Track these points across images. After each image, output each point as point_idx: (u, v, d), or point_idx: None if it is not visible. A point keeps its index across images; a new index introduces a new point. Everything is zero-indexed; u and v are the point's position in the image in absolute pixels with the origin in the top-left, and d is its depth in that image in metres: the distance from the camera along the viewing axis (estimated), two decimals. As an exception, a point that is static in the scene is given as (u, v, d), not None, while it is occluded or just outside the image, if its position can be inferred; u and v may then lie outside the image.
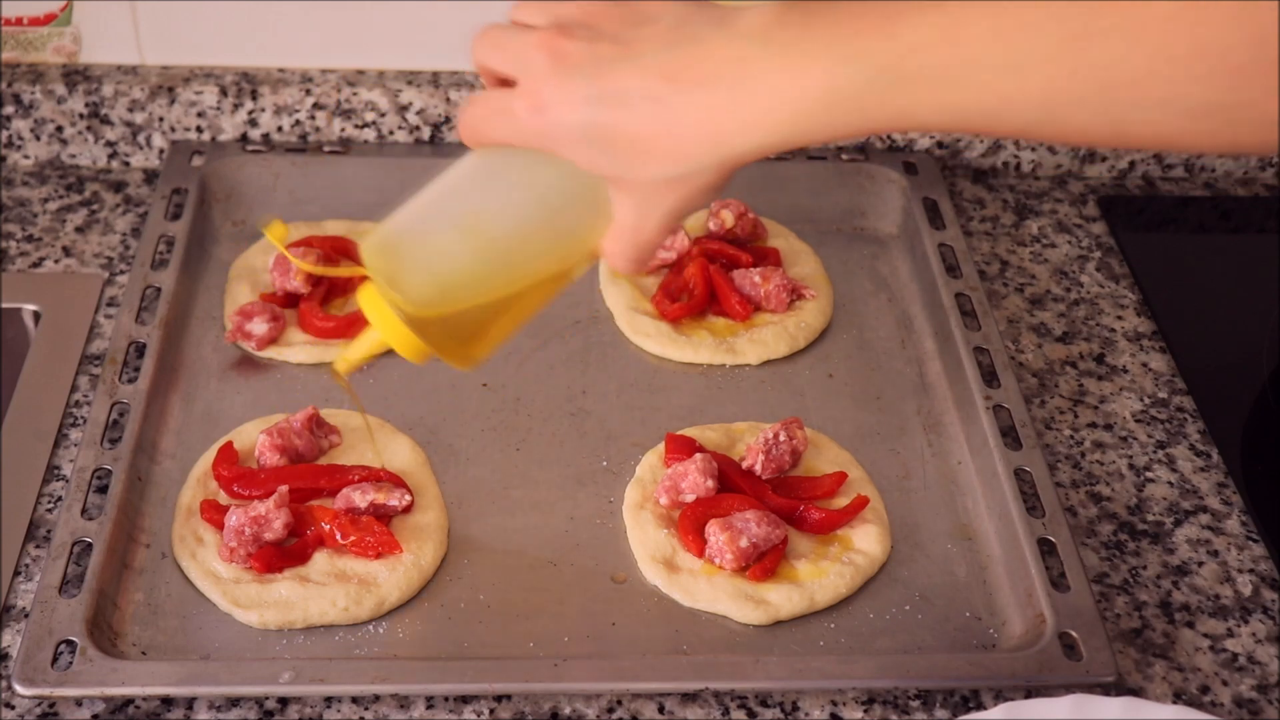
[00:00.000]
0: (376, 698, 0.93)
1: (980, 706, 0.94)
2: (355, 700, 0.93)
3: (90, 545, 0.99)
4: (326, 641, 0.97)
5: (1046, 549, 1.02)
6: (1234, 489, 1.10)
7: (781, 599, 0.99)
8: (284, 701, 0.93)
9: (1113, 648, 0.96)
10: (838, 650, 0.98)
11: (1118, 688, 0.95)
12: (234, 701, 0.92)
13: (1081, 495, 1.09)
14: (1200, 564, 1.04)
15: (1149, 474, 1.11)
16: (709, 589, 1.00)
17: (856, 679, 0.94)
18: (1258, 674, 0.97)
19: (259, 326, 1.17)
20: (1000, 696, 0.95)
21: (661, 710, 0.93)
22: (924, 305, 1.23)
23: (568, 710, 0.93)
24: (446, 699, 0.93)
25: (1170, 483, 1.10)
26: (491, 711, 0.93)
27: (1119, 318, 1.24)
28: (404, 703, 0.93)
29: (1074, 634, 0.96)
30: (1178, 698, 0.96)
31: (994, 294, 1.25)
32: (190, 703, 0.92)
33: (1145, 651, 0.98)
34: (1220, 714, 0.95)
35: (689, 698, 0.94)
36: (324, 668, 0.93)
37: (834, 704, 0.94)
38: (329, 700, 0.93)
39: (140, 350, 1.14)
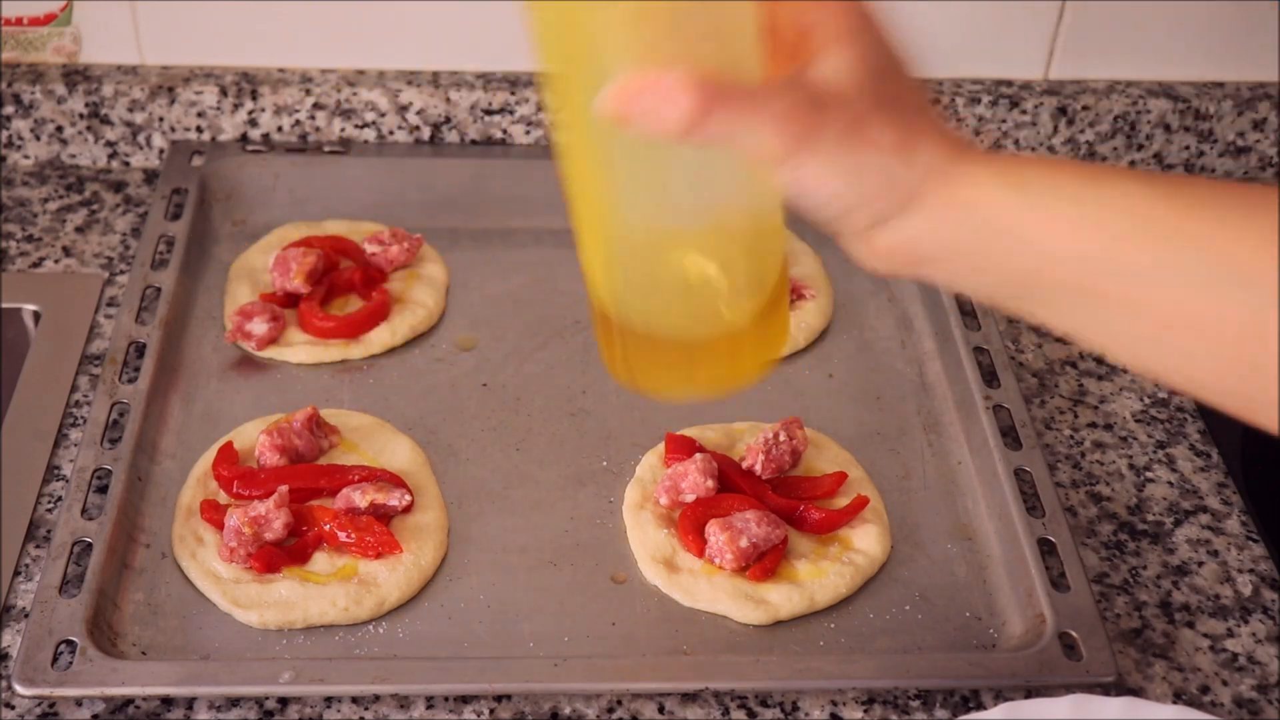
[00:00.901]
0: (376, 698, 0.93)
1: (980, 706, 0.94)
2: (355, 700, 0.93)
3: (90, 545, 0.99)
4: (326, 641, 0.97)
5: (1046, 549, 1.02)
6: (1234, 489, 1.10)
7: (781, 599, 0.99)
8: (284, 701, 0.93)
9: (1113, 648, 0.96)
10: (838, 650, 0.98)
11: (1118, 687, 0.95)
12: (234, 701, 0.92)
13: (1081, 495, 1.09)
14: (1200, 564, 1.04)
15: (1149, 474, 1.11)
16: (709, 589, 1.00)
17: (856, 679, 0.94)
18: (1258, 674, 0.97)
19: (259, 326, 1.17)
20: (1000, 696, 0.95)
21: (661, 710, 0.93)
22: (924, 305, 1.23)
23: (568, 710, 0.93)
24: (446, 699, 0.93)
25: (1170, 483, 1.10)
26: (491, 711, 0.93)
27: (1119, 318, 1.24)
28: (404, 703, 0.93)
29: (1074, 634, 0.96)
30: (1178, 698, 0.96)
31: (994, 294, 1.25)
32: (190, 703, 0.92)
33: (1145, 651, 0.98)
34: (1220, 714, 0.95)
35: (689, 698, 0.94)
36: (324, 668, 0.93)
37: (834, 704, 0.94)
38: (329, 700, 0.93)
39: (140, 350, 1.14)
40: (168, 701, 0.92)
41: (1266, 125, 1.36)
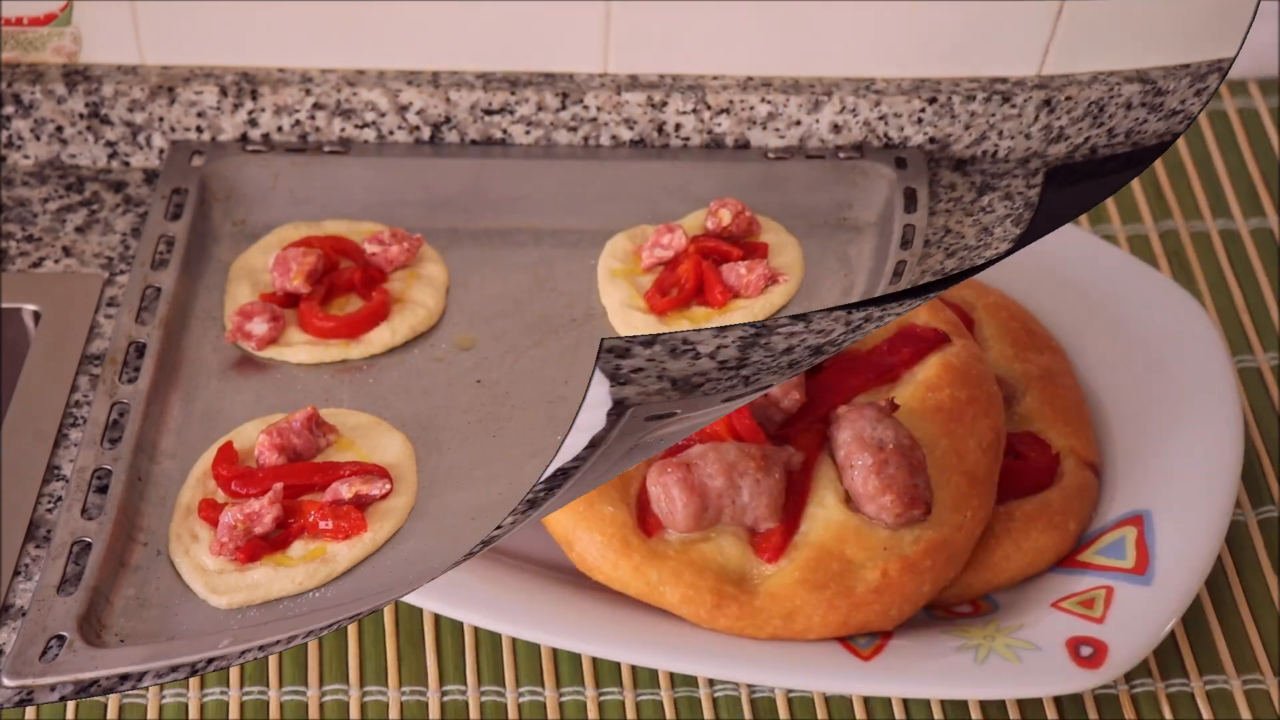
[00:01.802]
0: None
1: None
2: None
3: (90, 545, 1.00)
4: (272, 610, 0.98)
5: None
6: None
7: None
8: (211, 660, 0.93)
9: None
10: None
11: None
12: (173, 668, 0.93)
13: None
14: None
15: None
16: None
17: None
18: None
19: (259, 326, 1.17)
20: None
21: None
22: (868, 274, 1.24)
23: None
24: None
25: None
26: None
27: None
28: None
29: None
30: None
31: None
32: (140, 676, 0.93)
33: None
34: None
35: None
36: (260, 630, 0.94)
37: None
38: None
39: (140, 350, 1.14)
40: (124, 677, 0.93)
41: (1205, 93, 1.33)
